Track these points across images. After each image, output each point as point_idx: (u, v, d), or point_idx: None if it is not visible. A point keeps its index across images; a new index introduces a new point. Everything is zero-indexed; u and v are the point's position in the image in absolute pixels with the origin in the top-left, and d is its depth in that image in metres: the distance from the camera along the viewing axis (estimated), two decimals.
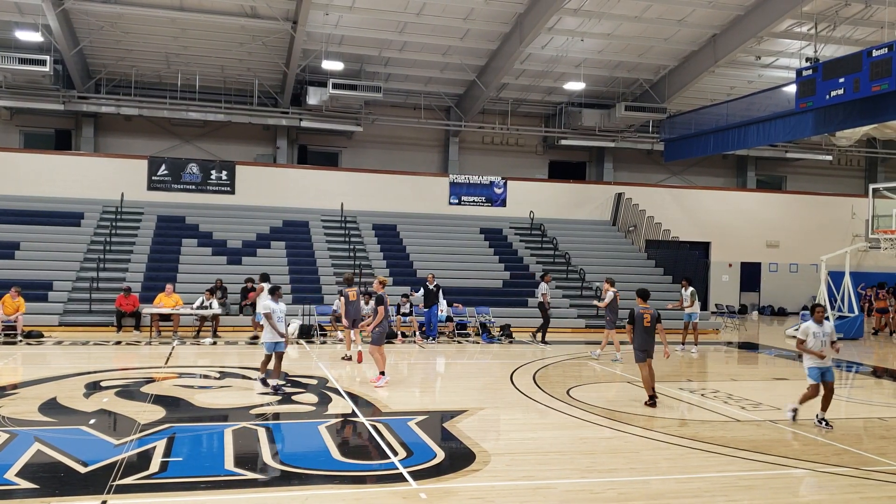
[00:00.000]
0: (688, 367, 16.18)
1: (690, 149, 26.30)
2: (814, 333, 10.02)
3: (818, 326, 10.06)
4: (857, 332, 22.28)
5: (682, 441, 9.17)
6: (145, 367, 13.90)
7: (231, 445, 8.42)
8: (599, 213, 30.03)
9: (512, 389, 12.49)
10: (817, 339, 9.98)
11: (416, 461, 7.99)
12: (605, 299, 16.90)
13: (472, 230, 27.26)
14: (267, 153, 29.06)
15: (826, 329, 10.09)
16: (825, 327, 10.10)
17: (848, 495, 7.29)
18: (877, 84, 16.59)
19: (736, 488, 7.36)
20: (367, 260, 24.25)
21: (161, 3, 21.92)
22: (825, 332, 10.05)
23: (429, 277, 19.92)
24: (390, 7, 22.39)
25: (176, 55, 25.36)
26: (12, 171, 24.89)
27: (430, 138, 30.77)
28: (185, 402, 10.88)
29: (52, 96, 25.23)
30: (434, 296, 19.46)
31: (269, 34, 23.67)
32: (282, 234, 25.14)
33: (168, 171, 26.14)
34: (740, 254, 31.23)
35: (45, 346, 16.63)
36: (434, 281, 19.65)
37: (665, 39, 24.52)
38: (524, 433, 9.59)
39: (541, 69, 26.53)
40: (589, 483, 7.43)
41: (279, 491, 7.04)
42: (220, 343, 17.84)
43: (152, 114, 26.80)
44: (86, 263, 21.68)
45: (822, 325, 10.13)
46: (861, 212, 27.95)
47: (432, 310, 19.42)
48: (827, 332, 10.07)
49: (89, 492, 6.76)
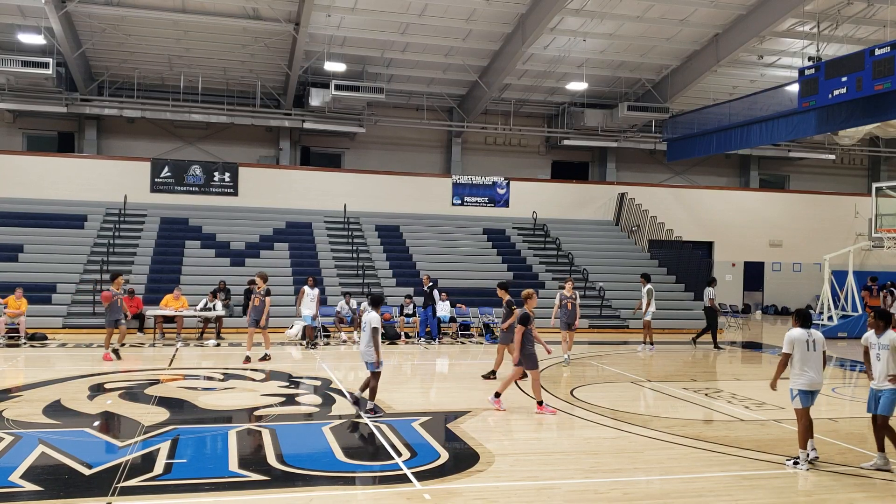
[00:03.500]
0: (692, 367, 16.17)
1: (693, 148, 26.28)
2: (870, 343, 8.26)
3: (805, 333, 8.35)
4: (860, 331, 22.22)
5: (685, 441, 9.16)
6: (149, 368, 13.91)
7: (235, 447, 8.42)
8: (602, 214, 30.02)
9: (515, 390, 12.48)
10: (872, 350, 8.16)
11: (420, 462, 7.99)
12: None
13: (475, 231, 27.26)
14: (270, 155, 29.09)
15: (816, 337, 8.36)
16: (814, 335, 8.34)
17: (852, 494, 7.28)
18: (879, 83, 16.56)
19: (740, 488, 7.36)
20: (371, 261, 24.26)
21: (163, 6, 21.95)
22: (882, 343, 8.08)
23: (424, 279, 19.91)
24: (392, 8, 22.40)
25: (178, 57, 25.39)
26: (15, 174, 24.94)
27: (433, 139, 30.78)
28: (188, 403, 10.89)
29: (54, 99, 25.28)
30: (429, 297, 19.32)
31: (271, 36, 23.69)
32: (285, 235, 25.15)
33: (171, 173, 26.17)
34: (744, 253, 31.20)
35: (49, 349, 16.66)
36: (429, 282, 19.60)
37: (667, 39, 24.50)
38: (528, 434, 9.59)
39: (543, 69, 26.53)
40: (593, 483, 7.42)
41: (283, 492, 7.05)
42: (223, 345, 17.86)
43: (155, 116, 26.84)
44: (89, 266, 21.72)
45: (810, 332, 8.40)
46: (864, 211, 27.87)
47: (427, 311, 19.31)
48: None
49: (94, 494, 6.77)
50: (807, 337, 8.29)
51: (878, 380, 8.00)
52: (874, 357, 8.07)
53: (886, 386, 7.91)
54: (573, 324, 15.66)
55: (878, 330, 8.10)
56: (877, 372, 8.03)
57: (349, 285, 21.95)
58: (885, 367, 7.94)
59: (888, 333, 8.01)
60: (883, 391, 7.94)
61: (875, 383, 8.05)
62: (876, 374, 8.04)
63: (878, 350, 8.02)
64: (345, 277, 23.05)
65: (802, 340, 8.29)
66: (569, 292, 15.71)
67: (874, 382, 8.07)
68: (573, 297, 15.68)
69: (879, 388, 7.98)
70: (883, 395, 7.94)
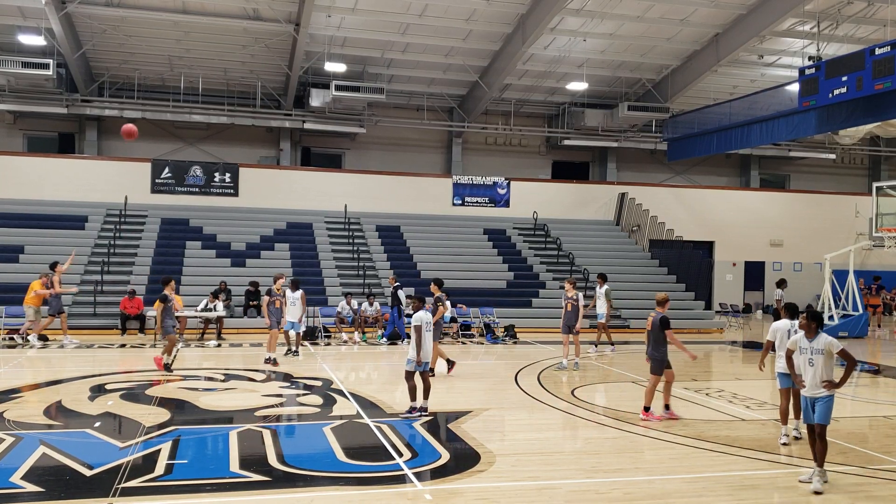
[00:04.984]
0: (692, 367, 16.16)
1: (694, 148, 26.28)
2: (800, 348, 7.71)
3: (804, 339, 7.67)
4: (861, 331, 22.23)
5: (686, 440, 9.16)
6: (150, 369, 13.91)
7: (236, 447, 8.43)
8: (603, 213, 30.01)
9: (517, 390, 12.49)
10: (804, 355, 7.65)
11: (421, 462, 7.99)
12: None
13: (476, 231, 27.26)
14: (270, 155, 29.10)
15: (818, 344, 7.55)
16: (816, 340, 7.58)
17: (853, 494, 7.28)
18: (879, 82, 16.56)
19: (741, 487, 7.36)
20: (371, 261, 24.26)
21: (163, 7, 21.97)
22: (815, 347, 7.54)
23: (390, 279, 19.90)
24: (392, 8, 22.41)
25: (179, 58, 25.41)
26: (16, 175, 24.95)
27: (433, 139, 30.78)
28: (189, 404, 10.89)
29: (55, 100, 25.30)
30: (394, 297, 19.04)
31: (271, 36, 23.70)
32: (285, 236, 25.16)
33: (171, 174, 26.17)
34: (744, 253, 31.19)
35: (50, 350, 16.66)
36: (395, 282, 19.51)
37: (667, 39, 24.50)
38: (529, 434, 9.58)
39: (543, 69, 26.53)
40: (594, 483, 7.42)
41: (285, 493, 7.05)
42: (224, 345, 17.87)
43: (155, 117, 26.85)
44: (90, 267, 21.72)
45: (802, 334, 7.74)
46: (865, 210, 27.85)
47: (393, 311, 19.15)
48: (819, 347, 7.53)
49: (95, 495, 6.78)
50: (789, 327, 9.08)
51: (813, 387, 7.44)
52: (805, 362, 7.52)
53: (822, 393, 7.38)
54: (573, 326, 14.62)
55: (810, 333, 7.52)
56: (809, 378, 7.47)
57: (350, 286, 21.97)
58: (821, 372, 7.39)
59: (821, 337, 7.47)
60: (819, 398, 7.41)
61: (808, 391, 7.48)
62: (808, 381, 7.48)
63: (810, 355, 7.46)
64: (345, 278, 23.06)
65: (784, 330, 9.13)
66: (570, 293, 14.83)
67: (807, 390, 7.50)
68: (574, 297, 14.73)
69: (815, 396, 7.43)
70: (819, 402, 7.41)
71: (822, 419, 7.42)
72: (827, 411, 7.40)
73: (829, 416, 7.45)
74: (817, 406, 7.42)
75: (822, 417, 7.41)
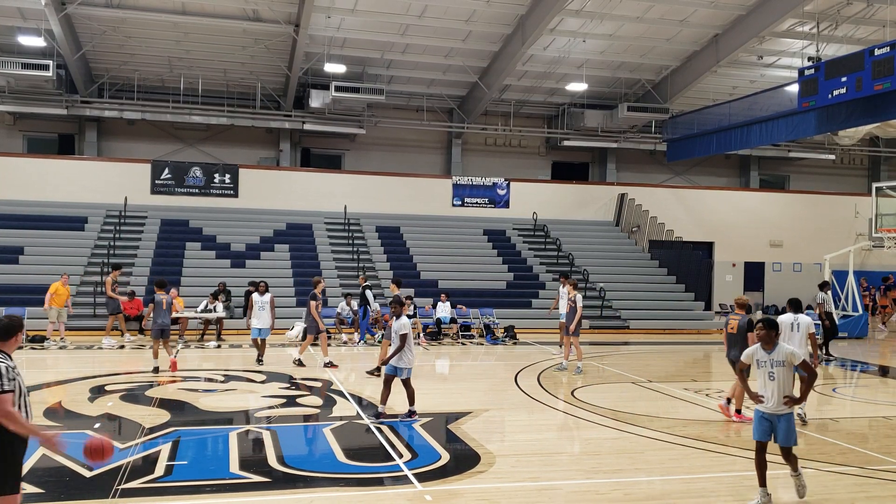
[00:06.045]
0: (692, 367, 16.16)
1: (693, 149, 26.29)
2: (758, 361, 6.97)
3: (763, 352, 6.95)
4: (861, 331, 22.24)
5: (686, 441, 9.16)
6: (150, 370, 13.90)
7: (236, 448, 8.43)
8: (603, 214, 30.01)
9: (516, 391, 12.50)
10: (763, 368, 6.90)
11: (421, 463, 8.00)
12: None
13: (476, 232, 27.26)
14: (270, 156, 29.10)
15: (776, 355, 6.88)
16: (775, 352, 6.89)
17: (853, 494, 7.28)
18: (879, 83, 16.57)
19: (741, 488, 7.35)
20: (371, 262, 24.27)
21: (163, 8, 21.97)
22: (776, 359, 6.86)
23: (360, 279, 19.93)
24: (392, 9, 22.41)
25: (178, 59, 25.40)
26: (16, 176, 24.93)
27: (433, 140, 30.78)
28: (189, 405, 10.89)
29: (55, 101, 25.29)
30: (362, 297, 18.99)
31: (271, 37, 23.70)
32: (285, 237, 25.16)
33: (171, 175, 26.17)
34: (744, 253, 31.16)
35: (50, 351, 16.66)
36: (364, 282, 19.45)
37: (667, 40, 24.50)
38: (529, 434, 9.59)
39: (543, 70, 26.53)
40: (594, 484, 7.43)
41: (284, 494, 7.05)
42: (224, 346, 17.86)
43: (155, 118, 26.84)
44: (90, 268, 21.72)
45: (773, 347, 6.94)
46: (864, 211, 27.86)
47: (360, 311, 19.10)
48: (779, 359, 6.86)
49: (95, 496, 6.79)
50: (791, 320, 9.51)
51: (774, 403, 6.77)
52: (765, 376, 6.80)
53: (783, 410, 6.75)
54: (569, 327, 14.42)
55: (768, 345, 6.82)
56: (769, 393, 6.78)
57: (350, 286, 21.96)
58: (783, 386, 6.73)
59: (780, 347, 6.84)
60: (780, 417, 6.76)
61: (768, 406, 6.80)
62: (769, 396, 6.78)
63: (770, 368, 6.76)
64: (345, 279, 23.06)
65: (787, 323, 9.63)
66: (570, 293, 14.65)
67: (767, 406, 6.81)
68: (573, 299, 14.51)
69: (776, 414, 6.76)
70: (781, 421, 6.76)
71: (787, 441, 6.80)
72: (791, 430, 6.80)
73: (794, 436, 6.82)
74: (780, 426, 6.78)
75: (788, 439, 6.79)
